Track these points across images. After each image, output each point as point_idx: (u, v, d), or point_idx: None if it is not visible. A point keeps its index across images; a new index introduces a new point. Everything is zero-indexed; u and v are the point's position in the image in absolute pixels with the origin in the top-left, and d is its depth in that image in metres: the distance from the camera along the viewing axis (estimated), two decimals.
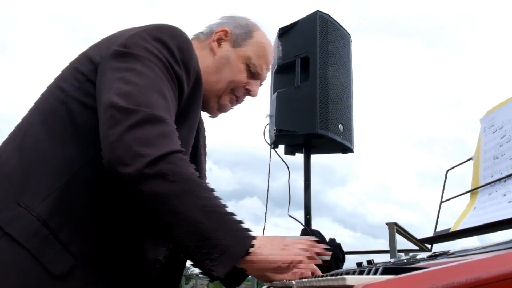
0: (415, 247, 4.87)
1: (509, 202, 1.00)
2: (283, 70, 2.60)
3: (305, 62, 2.53)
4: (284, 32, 2.63)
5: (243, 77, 1.34)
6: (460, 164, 1.35)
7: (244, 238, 0.95)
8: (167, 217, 0.92)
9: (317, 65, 2.47)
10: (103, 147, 0.95)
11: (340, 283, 0.58)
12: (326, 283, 0.69)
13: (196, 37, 1.37)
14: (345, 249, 1.79)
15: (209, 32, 1.38)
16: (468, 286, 0.44)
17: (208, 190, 0.98)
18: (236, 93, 1.37)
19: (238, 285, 1.22)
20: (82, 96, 1.09)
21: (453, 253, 0.94)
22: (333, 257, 1.67)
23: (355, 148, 2.59)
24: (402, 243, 4.34)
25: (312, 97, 2.39)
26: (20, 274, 0.94)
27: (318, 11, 2.55)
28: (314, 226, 2.52)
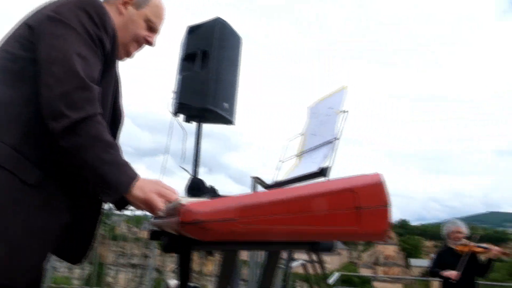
0: None
1: (313, 163, 1.40)
2: (188, 58, 2.87)
3: (205, 54, 2.81)
4: (192, 30, 2.89)
5: (143, 31, 1.47)
6: (295, 137, 1.74)
7: (128, 181, 1.13)
8: (77, 164, 1.14)
9: (213, 57, 2.76)
10: (41, 103, 1.13)
11: (178, 202, 0.80)
12: (174, 205, 0.91)
13: (106, 1, 1.45)
14: None
15: None
16: (257, 206, 0.73)
17: (109, 146, 1.13)
18: (138, 43, 1.49)
19: (124, 207, 1.40)
20: (26, 53, 1.20)
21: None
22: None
23: (237, 122, 2.95)
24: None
25: (207, 80, 2.71)
26: (4, 186, 1.13)
27: (218, 17, 2.84)
28: (213, 180, 2.90)
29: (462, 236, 4.94)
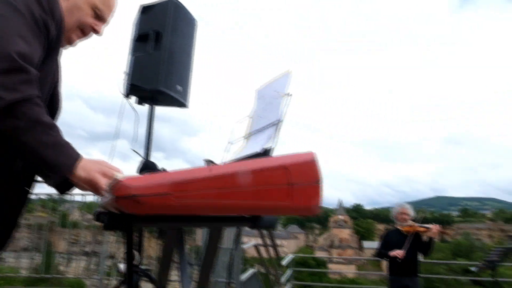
0: None
1: (257, 144, 1.44)
2: (140, 39, 2.80)
3: (158, 35, 2.76)
4: (145, 9, 2.83)
5: (90, 19, 1.42)
6: (243, 120, 1.78)
7: (70, 162, 1.12)
8: (17, 147, 1.11)
9: (166, 39, 2.72)
10: None
11: (115, 178, 0.82)
12: (111, 182, 0.91)
13: None
14: None
15: None
16: (191, 181, 0.76)
17: (49, 127, 1.11)
18: (83, 31, 1.44)
19: (67, 190, 1.36)
20: None
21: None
22: None
23: (197, 107, 2.94)
24: None
25: (159, 62, 2.67)
26: None
27: None
28: (170, 164, 2.90)
29: (408, 217, 5.26)
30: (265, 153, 1.30)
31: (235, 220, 1.04)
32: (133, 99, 3.00)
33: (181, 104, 2.98)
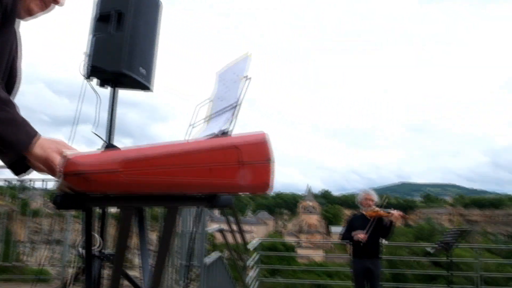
0: None
1: (216, 126, 1.46)
2: (101, 19, 2.73)
3: (120, 15, 2.69)
4: None
5: None
6: (204, 103, 1.79)
7: (27, 139, 1.08)
8: None
9: (129, 20, 2.66)
10: None
11: (64, 155, 0.82)
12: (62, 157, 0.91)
13: None
14: None
15: None
16: (142, 159, 0.77)
17: (4, 103, 1.08)
18: (42, 1, 1.36)
19: (23, 171, 1.33)
20: None
21: None
22: None
23: (166, 92, 2.91)
24: None
25: (121, 43, 2.61)
26: None
27: None
28: None
29: (373, 203, 5.47)
30: (222, 135, 1.32)
31: (191, 199, 1.06)
32: (95, 81, 2.93)
33: (145, 87, 2.94)
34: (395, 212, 5.30)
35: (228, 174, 0.85)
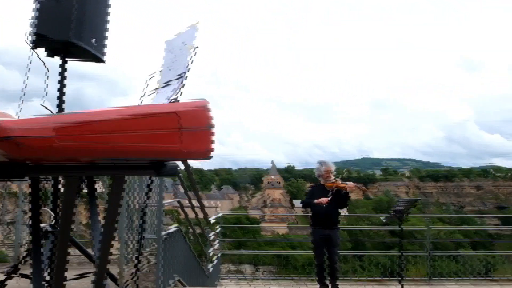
0: None
1: (164, 96, 1.46)
2: None
3: None
4: None
5: None
6: (155, 73, 1.77)
7: None
8: None
9: None
10: None
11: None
12: None
13: None
14: None
15: None
16: (77, 125, 0.77)
17: None
18: None
19: None
20: None
21: None
22: None
23: (125, 64, 2.81)
24: None
25: (70, 11, 2.50)
26: None
27: None
28: None
29: (332, 175, 5.68)
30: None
31: (137, 168, 1.06)
32: (42, 51, 2.79)
33: (96, 58, 2.83)
34: (351, 184, 5.55)
35: (168, 140, 0.86)
